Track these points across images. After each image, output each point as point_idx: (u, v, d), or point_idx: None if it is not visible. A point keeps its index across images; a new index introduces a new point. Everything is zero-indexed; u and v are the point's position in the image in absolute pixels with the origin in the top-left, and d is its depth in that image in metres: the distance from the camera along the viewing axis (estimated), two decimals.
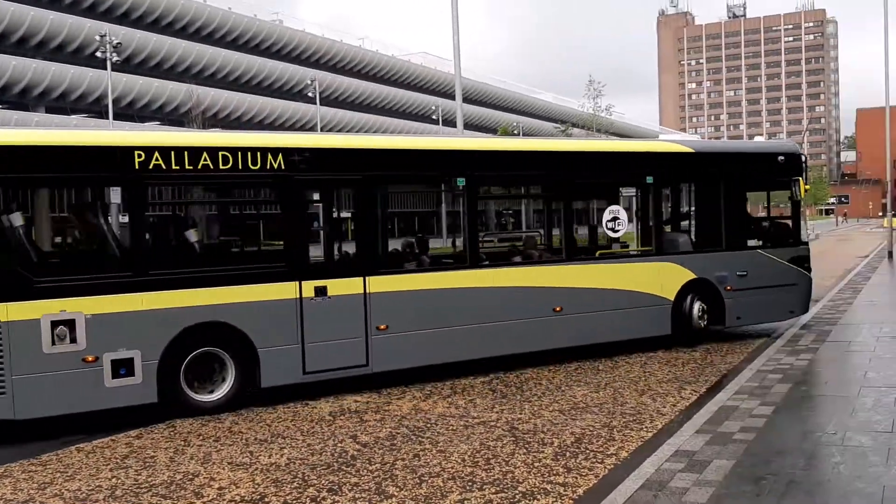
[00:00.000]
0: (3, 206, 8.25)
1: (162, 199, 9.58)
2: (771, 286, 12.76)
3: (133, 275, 8.52)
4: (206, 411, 8.77)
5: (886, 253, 31.52)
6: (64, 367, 8.08)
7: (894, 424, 7.21)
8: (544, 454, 6.94)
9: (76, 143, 8.69)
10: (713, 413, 7.87)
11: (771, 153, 13.64)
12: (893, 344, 11.51)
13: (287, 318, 9.17)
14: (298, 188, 9.46)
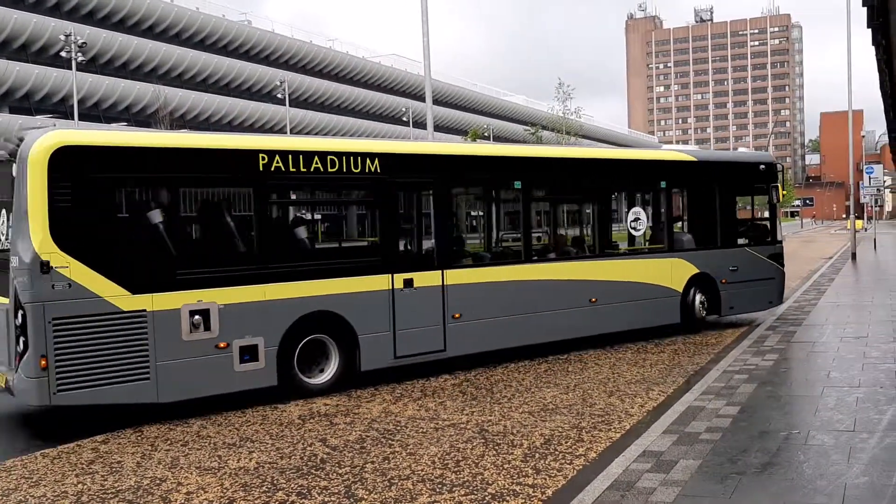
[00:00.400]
0: (145, 205, 9.06)
1: (280, 199, 10.20)
2: (755, 280, 14.40)
3: (257, 268, 9.26)
4: (316, 393, 9.55)
5: (850, 254, 32.12)
6: (200, 353, 8.74)
7: (856, 424, 7.35)
8: (514, 456, 6.97)
9: (210, 146, 9.44)
10: (680, 413, 7.96)
11: (754, 162, 15.39)
12: (856, 344, 11.73)
13: (382, 307, 10.14)
14: (390, 190, 10.40)
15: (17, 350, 8.01)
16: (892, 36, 9.07)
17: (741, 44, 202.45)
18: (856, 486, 5.73)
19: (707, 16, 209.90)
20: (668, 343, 12.84)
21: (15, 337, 8.05)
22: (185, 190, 9.36)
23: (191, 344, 8.69)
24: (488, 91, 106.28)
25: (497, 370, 10.95)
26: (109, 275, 8.26)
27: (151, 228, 8.89)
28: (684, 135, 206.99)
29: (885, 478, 5.86)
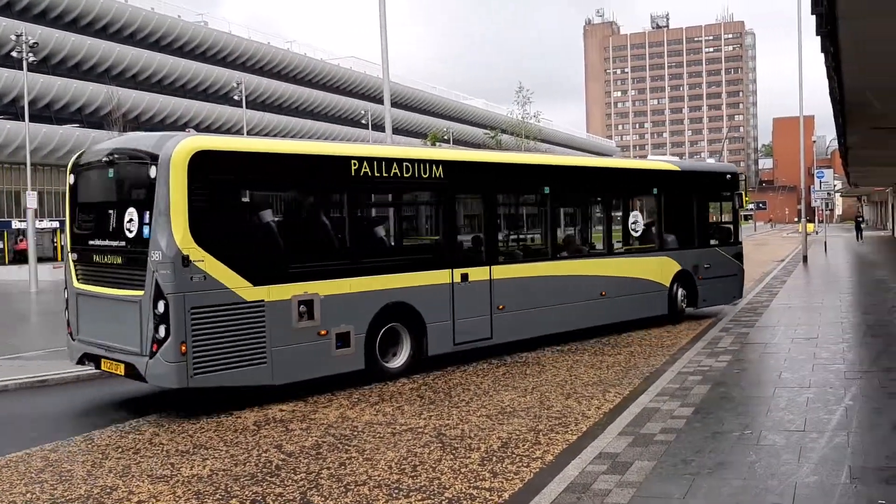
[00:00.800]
0: (265, 205, 10.07)
1: (367, 200, 11.38)
2: (723, 276, 16.33)
3: (351, 263, 10.34)
4: (393, 376, 10.57)
5: (801, 257, 32.79)
6: (305, 339, 9.67)
7: (806, 424, 7.49)
8: (471, 459, 6.97)
9: (316, 152, 10.62)
10: (636, 415, 8.03)
11: (721, 172, 17.37)
12: (807, 346, 11.96)
13: (444, 299, 11.29)
14: (450, 193, 11.62)
15: (157, 337, 8.62)
16: (840, 43, 9.28)
17: (696, 50, 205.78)
18: (806, 485, 5.83)
19: (663, 22, 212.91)
20: (624, 345, 12.98)
21: (154, 325, 8.64)
22: (296, 192, 10.57)
23: (298, 331, 9.61)
24: (448, 94, 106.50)
25: (455, 374, 10.95)
26: (236, 268, 9.09)
27: (269, 226, 9.90)
28: (641, 139, 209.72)
29: (834, 477, 5.98)
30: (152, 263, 8.68)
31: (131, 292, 9.00)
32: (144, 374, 8.88)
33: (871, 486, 5.75)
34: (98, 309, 9.63)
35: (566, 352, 12.52)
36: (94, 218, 9.98)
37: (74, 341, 10.03)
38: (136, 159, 9.32)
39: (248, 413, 9.01)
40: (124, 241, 9.23)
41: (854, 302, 18.25)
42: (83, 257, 9.94)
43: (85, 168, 10.14)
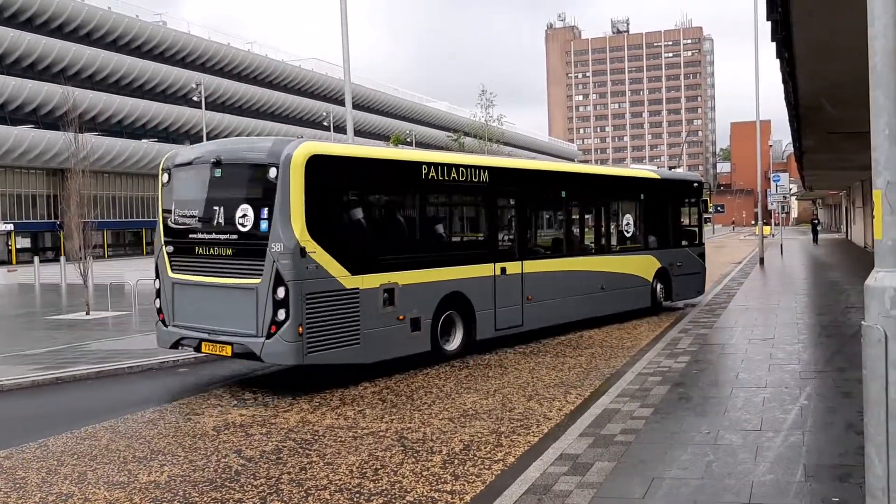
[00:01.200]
0: (362, 202, 11.28)
1: (433, 201, 12.71)
2: (691, 273, 18.30)
3: (421, 256, 11.70)
4: (449, 358, 11.88)
5: (758, 259, 33.37)
6: (388, 323, 10.89)
7: (762, 423, 7.61)
8: (433, 462, 6.95)
9: (395, 158, 12.81)
10: (596, 416, 8.08)
11: (691, 181, 19.47)
12: (763, 346, 12.16)
13: (489, 289, 12.70)
14: (494, 195, 13.24)
15: (276, 319, 9.60)
16: (794, 49, 9.46)
17: (656, 55, 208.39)
18: (762, 483, 5.92)
19: (623, 27, 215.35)
20: (585, 347, 13.08)
21: (273, 309, 9.60)
22: (384, 192, 11.77)
23: (383, 316, 10.81)
24: (411, 97, 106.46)
25: (417, 377, 10.93)
26: (339, 259, 10.20)
27: (364, 221, 11.11)
28: (602, 143, 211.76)
29: (790, 475, 6.07)
30: (272, 254, 9.67)
31: (246, 280, 9.98)
32: (260, 353, 9.77)
33: (824, 484, 5.86)
34: (199, 296, 10.57)
35: (528, 354, 12.58)
36: (196, 214, 10.81)
37: (167, 327, 10.92)
38: (252, 162, 10.46)
39: (206, 418, 8.89)
40: (236, 235, 10.18)
41: (809, 303, 18.61)
42: (180, 249, 10.86)
43: (182, 168, 11.06)
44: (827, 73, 10.96)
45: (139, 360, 12.50)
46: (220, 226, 10.38)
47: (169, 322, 10.92)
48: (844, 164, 28.86)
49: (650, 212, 17.32)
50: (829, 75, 11.12)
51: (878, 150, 3.36)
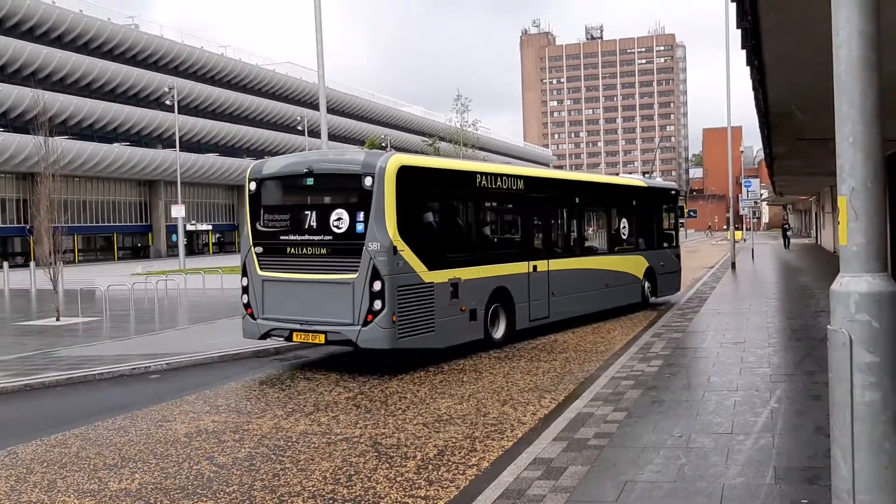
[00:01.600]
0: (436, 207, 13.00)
1: (486, 206, 14.40)
2: (671, 272, 20.38)
3: (477, 254, 13.31)
4: (497, 345, 13.42)
5: (730, 264, 33.72)
6: (454, 313, 12.40)
7: (733, 426, 7.69)
8: (407, 468, 6.95)
9: (456, 168, 15.02)
10: (570, 420, 8.12)
11: (669, 188, 21.79)
12: (735, 350, 12.29)
13: (524, 285, 14.33)
14: (526, 201, 14.91)
15: (373, 309, 11.03)
16: (764, 57, 9.58)
17: (629, 61, 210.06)
18: (733, 486, 5.98)
19: (597, 34, 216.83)
20: (559, 351, 13.15)
21: (370, 300, 11.05)
22: (451, 198, 13.39)
23: (450, 306, 12.28)
24: (386, 101, 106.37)
25: (392, 382, 10.92)
26: (420, 256, 11.66)
27: (435, 223, 12.81)
28: (577, 148, 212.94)
29: (760, 477, 6.15)
30: (370, 252, 11.12)
31: (342, 276, 11.38)
32: (356, 339, 11.16)
33: (794, 486, 5.94)
34: (290, 291, 11.92)
35: (503, 358, 12.61)
36: (286, 218, 12.21)
37: (256, 320, 12.18)
38: (347, 172, 11.94)
39: (178, 425, 8.81)
40: (331, 236, 11.62)
41: (780, 307, 18.84)
42: (270, 250, 12.21)
43: (270, 178, 12.53)
44: (796, 80, 11.11)
45: (110, 367, 12.36)
46: (312, 229, 11.83)
47: (258, 315, 12.19)
48: (814, 170, 29.26)
49: (641, 217, 19.33)
50: (798, 83, 11.28)
51: (843, 157, 3.43)
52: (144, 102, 66.81)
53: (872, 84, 3.40)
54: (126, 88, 65.37)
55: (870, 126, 3.40)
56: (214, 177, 73.30)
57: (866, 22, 3.40)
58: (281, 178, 12.60)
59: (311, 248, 11.86)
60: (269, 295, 12.11)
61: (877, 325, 3.36)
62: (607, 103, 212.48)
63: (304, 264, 11.88)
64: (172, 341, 15.48)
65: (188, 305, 23.91)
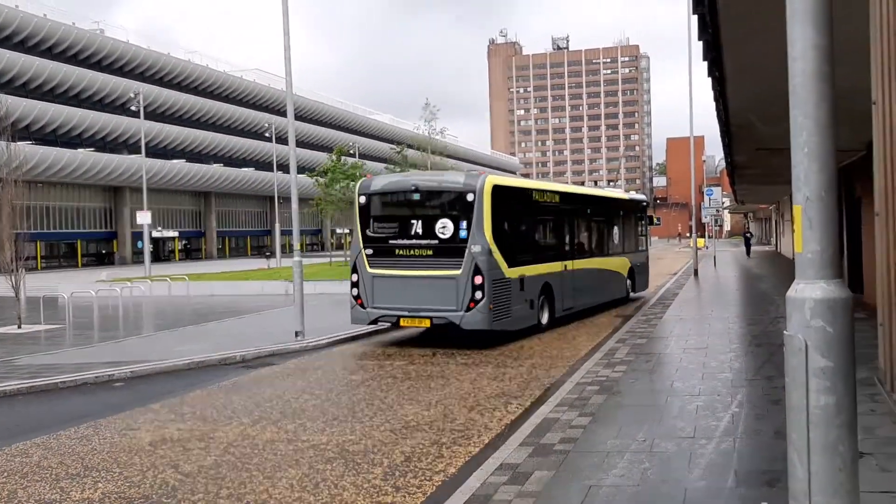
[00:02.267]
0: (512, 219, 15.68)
1: (535, 216, 17.30)
2: (643, 272, 24.17)
3: (534, 255, 16.40)
4: (543, 329, 16.26)
5: (693, 271, 34.15)
6: (520, 303, 15.26)
7: (696, 431, 7.82)
8: (374, 475, 6.96)
9: (519, 185, 17.85)
10: (536, 426, 8.19)
11: (641, 200, 25.72)
12: (697, 355, 12.47)
13: (560, 281, 17.30)
14: (559, 211, 18.20)
15: (475, 298, 13.96)
16: (724, 68, 9.77)
17: (595, 71, 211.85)
18: (695, 489, 6.09)
19: (563, 44, 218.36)
20: (526, 357, 13.24)
21: (472, 291, 13.97)
22: (519, 211, 16.23)
23: (519, 297, 15.16)
24: (354, 109, 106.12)
25: (360, 389, 10.92)
26: (504, 256, 14.58)
27: (512, 230, 15.60)
28: (543, 156, 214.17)
29: (721, 481, 6.26)
30: (472, 253, 14.05)
31: (447, 272, 14.20)
32: (460, 322, 14.02)
33: (754, 489, 6.05)
34: (397, 285, 14.60)
35: (470, 364, 12.67)
36: (394, 226, 14.97)
37: (366, 308, 14.84)
38: (451, 189, 14.83)
39: (143, 433, 8.73)
40: (436, 241, 14.44)
41: (741, 314, 19.14)
42: (379, 252, 14.87)
43: (377, 194, 15.32)
44: (755, 91, 11.34)
45: (73, 375, 12.19)
46: (418, 234, 14.57)
47: (367, 305, 14.83)
48: (773, 179, 29.78)
49: (625, 224, 22.85)
50: (757, 94, 11.51)
51: (798, 167, 3.53)
52: (110, 108, 65.95)
53: (826, 96, 3.51)
54: (91, 93, 64.45)
55: (824, 137, 3.50)
56: (181, 183, 72.54)
57: (820, 36, 3.51)
58: (388, 194, 15.48)
59: (417, 250, 14.56)
60: (378, 288, 14.75)
61: (831, 331, 3.46)
62: (573, 112, 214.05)
63: (411, 263, 14.56)
64: (137, 349, 15.31)
65: (153, 312, 23.64)
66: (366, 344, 15.68)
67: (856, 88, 8.11)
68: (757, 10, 7.14)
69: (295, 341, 15.32)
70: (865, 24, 6.66)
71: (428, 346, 15.02)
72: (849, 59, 8.09)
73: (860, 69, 7.76)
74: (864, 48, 6.97)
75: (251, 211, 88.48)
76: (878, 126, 4.36)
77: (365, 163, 52.15)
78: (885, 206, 4.24)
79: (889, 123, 4.09)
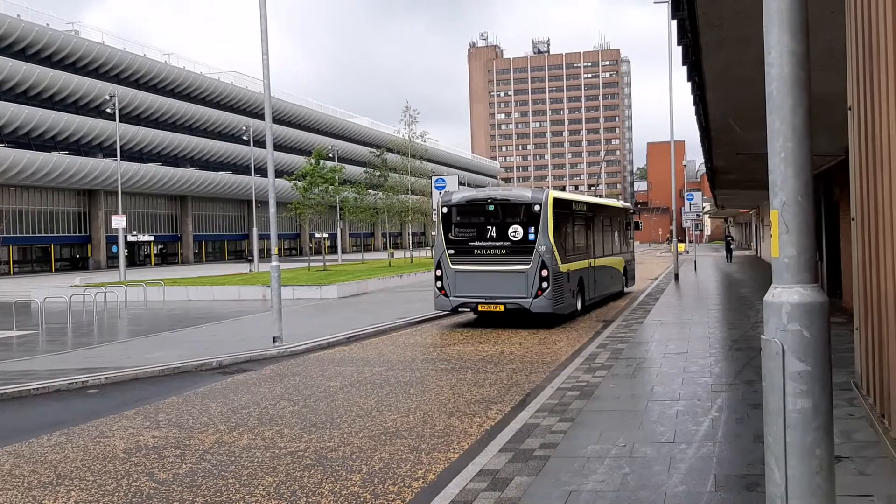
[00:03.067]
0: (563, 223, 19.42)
1: (575, 222, 20.79)
2: (632, 269, 28.44)
3: (574, 254, 20.03)
4: (578, 315, 20.01)
5: (674, 275, 34.33)
6: (568, 292, 18.96)
7: (676, 435, 7.82)
8: (352, 482, 6.89)
9: (567, 197, 21.01)
10: (516, 431, 8.16)
11: (629, 207, 29.56)
12: (677, 360, 12.51)
13: (588, 275, 21.01)
14: (589, 219, 22.11)
15: (542, 287, 17.72)
16: (704, 73, 9.82)
17: (575, 75, 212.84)
18: (675, 494, 6.08)
19: (544, 48, 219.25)
20: (506, 363, 13.21)
21: (539, 282, 17.71)
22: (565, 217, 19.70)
23: (566, 287, 18.87)
24: (333, 112, 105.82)
25: (338, 395, 10.84)
26: (559, 255, 18.37)
27: (562, 234, 19.05)
28: (524, 160, 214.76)
29: (701, 486, 6.26)
30: (539, 252, 17.84)
31: (518, 267, 17.91)
32: (530, 307, 17.75)
33: (734, 494, 6.06)
34: (476, 278, 18.26)
35: (449, 370, 12.62)
36: (473, 231, 18.59)
37: (449, 298, 18.47)
38: (521, 202, 18.45)
39: (117, 440, 8.60)
40: (509, 242, 18.13)
41: (721, 318, 19.24)
42: (459, 252, 18.53)
43: (458, 206, 18.89)
44: (734, 96, 11.40)
45: (46, 382, 12.01)
46: (493, 237, 18.29)
47: (450, 295, 18.46)
48: (753, 184, 30.02)
49: (621, 228, 26.96)
50: (736, 99, 11.58)
51: (775, 172, 3.53)
52: (84, 110, 65.32)
53: (802, 102, 3.51)
54: (65, 96, 63.79)
55: (800, 142, 3.50)
56: (157, 187, 71.98)
57: (796, 42, 3.51)
58: (467, 205, 18.92)
59: (493, 250, 18.29)
60: (460, 281, 18.39)
61: (808, 335, 3.45)
62: (554, 116, 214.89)
63: (487, 260, 18.28)
64: (111, 355, 15.12)
65: (129, 318, 23.38)
66: (344, 350, 15.59)
67: (833, 95, 8.17)
68: (735, 16, 7.17)
69: (272, 347, 15.20)
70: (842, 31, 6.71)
71: (408, 352, 14.96)
72: (826, 65, 8.15)
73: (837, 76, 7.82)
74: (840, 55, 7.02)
75: (228, 215, 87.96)
76: (854, 131, 4.37)
77: (344, 166, 51.88)
78: (861, 210, 4.25)
79: (865, 128, 4.10)
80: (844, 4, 4.46)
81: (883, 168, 3.70)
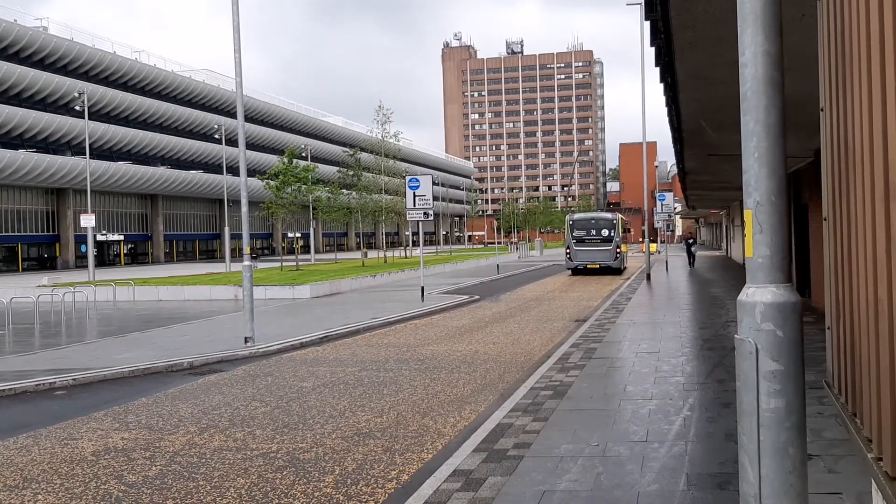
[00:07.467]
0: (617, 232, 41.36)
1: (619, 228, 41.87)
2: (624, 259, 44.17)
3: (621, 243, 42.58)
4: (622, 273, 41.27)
5: (645, 276, 34.60)
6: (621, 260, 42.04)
7: (648, 434, 7.86)
8: (325, 483, 6.84)
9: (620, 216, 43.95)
10: (490, 431, 8.16)
11: (626, 219, 48.86)
12: (650, 359, 12.58)
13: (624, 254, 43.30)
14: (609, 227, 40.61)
15: (616, 256, 40.05)
16: (676, 75, 9.88)
17: (549, 76, 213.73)
18: (648, 493, 6.10)
19: (518, 48, 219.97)
20: (480, 363, 13.20)
21: (615, 254, 40.09)
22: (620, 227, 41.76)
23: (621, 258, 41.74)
24: (306, 111, 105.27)
25: (311, 396, 10.76)
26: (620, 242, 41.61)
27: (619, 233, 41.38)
28: (497, 161, 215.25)
29: (673, 484, 6.29)
30: (615, 241, 39.96)
31: (606, 247, 39.85)
32: (610, 265, 39.61)
33: (706, 492, 6.09)
34: (586, 252, 39.79)
35: (423, 370, 12.59)
36: (584, 233, 39.96)
37: (572, 261, 40.09)
38: (608, 219, 40.72)
39: (85, 443, 8.46)
40: (601, 237, 39.85)
41: (692, 318, 19.40)
42: (578, 241, 39.86)
43: (578, 220, 40.94)
44: (706, 98, 11.49)
45: (12, 383, 11.80)
46: (593, 234, 39.85)
47: (574, 260, 39.91)
48: (723, 185, 30.37)
49: (617, 231, 40.33)
50: (708, 100, 11.67)
51: (748, 173, 3.54)
52: (53, 107, 64.33)
53: (776, 102, 3.53)
54: (33, 92, 62.74)
55: (774, 142, 3.52)
56: (127, 185, 71.13)
57: (770, 43, 3.52)
58: (582, 220, 40.61)
59: (594, 240, 39.63)
60: (577, 253, 39.80)
61: (781, 335, 3.47)
62: (527, 117, 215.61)
63: (591, 245, 39.65)
64: (80, 356, 14.90)
65: (97, 318, 23.08)
66: (317, 350, 15.50)
67: (804, 97, 8.25)
68: (708, 17, 7.22)
69: (244, 347, 15.07)
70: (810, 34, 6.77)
71: (381, 353, 14.91)
72: (798, 67, 8.23)
73: (802, 77, 7.90)
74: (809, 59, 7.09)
75: (200, 214, 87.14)
76: (826, 132, 4.40)
77: (317, 166, 51.64)
78: (834, 211, 4.28)
79: (837, 130, 4.13)
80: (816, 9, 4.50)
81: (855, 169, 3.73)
